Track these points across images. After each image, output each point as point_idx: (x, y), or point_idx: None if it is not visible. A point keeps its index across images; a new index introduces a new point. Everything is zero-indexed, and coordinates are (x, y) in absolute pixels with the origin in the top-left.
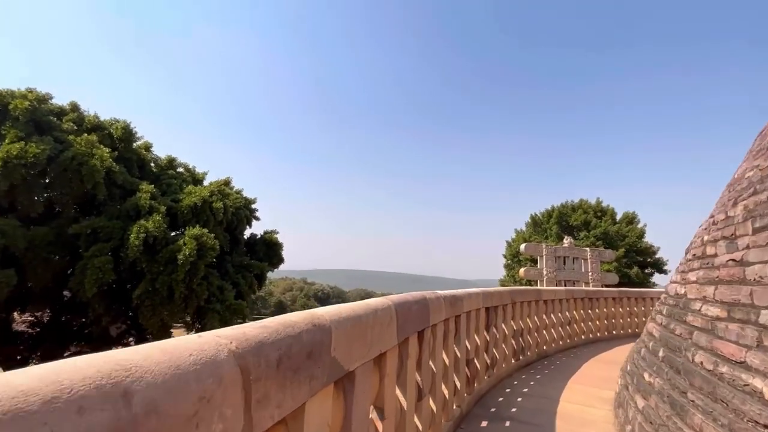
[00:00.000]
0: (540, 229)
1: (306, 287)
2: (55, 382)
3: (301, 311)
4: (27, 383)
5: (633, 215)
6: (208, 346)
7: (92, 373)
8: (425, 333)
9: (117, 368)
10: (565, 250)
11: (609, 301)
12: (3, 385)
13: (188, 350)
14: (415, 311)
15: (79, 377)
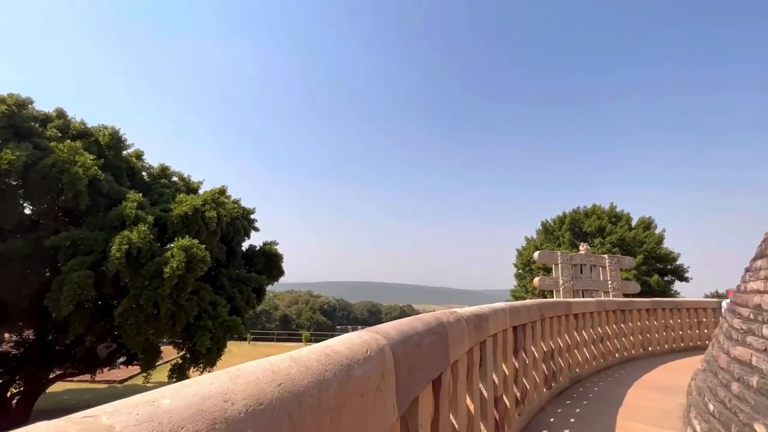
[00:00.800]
0: (552, 236)
1: (312, 300)
2: None
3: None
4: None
5: (649, 220)
6: (371, 339)
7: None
8: (443, 378)
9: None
10: (582, 258)
11: (642, 313)
12: None
13: (363, 344)
14: (428, 348)
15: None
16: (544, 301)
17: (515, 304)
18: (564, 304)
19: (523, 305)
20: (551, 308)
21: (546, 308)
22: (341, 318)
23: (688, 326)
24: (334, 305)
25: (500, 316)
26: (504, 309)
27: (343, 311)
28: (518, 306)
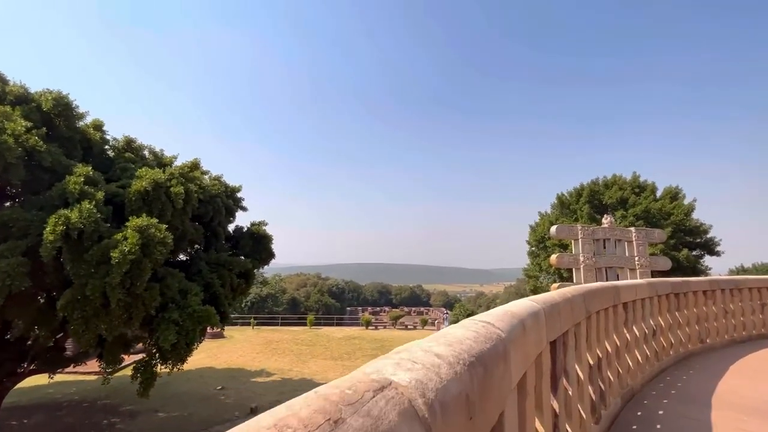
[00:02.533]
0: (568, 210)
1: (320, 283)
2: None
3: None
4: None
5: (677, 190)
6: (528, 303)
7: None
8: None
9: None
10: (605, 232)
11: (699, 297)
12: None
13: (529, 306)
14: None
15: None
16: (589, 287)
17: (547, 300)
18: (611, 290)
19: (563, 299)
20: (598, 298)
21: (592, 299)
22: (351, 300)
23: (751, 310)
24: (343, 287)
25: (530, 330)
26: (535, 314)
27: (352, 293)
28: (555, 302)
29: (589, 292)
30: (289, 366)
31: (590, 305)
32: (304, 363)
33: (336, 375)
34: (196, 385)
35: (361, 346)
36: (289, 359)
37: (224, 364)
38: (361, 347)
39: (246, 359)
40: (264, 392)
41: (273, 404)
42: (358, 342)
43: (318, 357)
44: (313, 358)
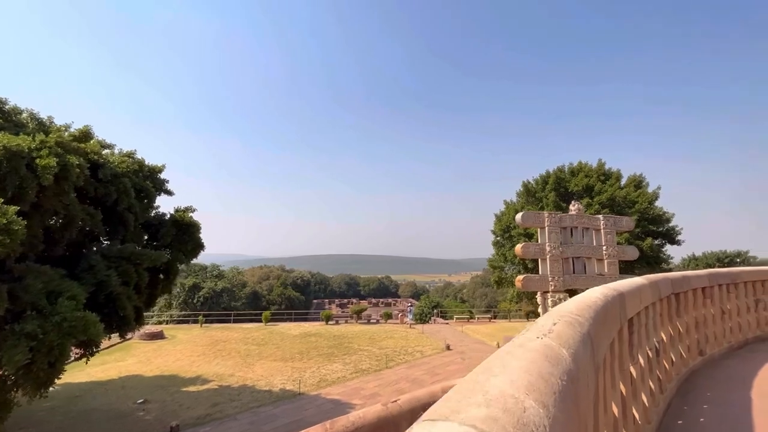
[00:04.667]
0: (534, 198)
1: (284, 275)
2: None
3: None
4: None
5: (640, 178)
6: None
7: None
8: None
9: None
10: (573, 219)
11: (697, 296)
12: None
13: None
14: None
15: None
16: (590, 311)
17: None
18: (616, 302)
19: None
20: (603, 326)
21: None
22: (318, 292)
23: (746, 308)
24: (308, 279)
25: None
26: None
27: (319, 285)
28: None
29: (596, 320)
30: (231, 370)
31: (594, 351)
32: (249, 366)
33: (283, 379)
34: (113, 399)
35: (318, 344)
36: (234, 362)
37: (156, 371)
38: (317, 345)
39: (183, 364)
40: (194, 405)
41: (200, 420)
42: (315, 340)
43: (267, 358)
44: (261, 360)
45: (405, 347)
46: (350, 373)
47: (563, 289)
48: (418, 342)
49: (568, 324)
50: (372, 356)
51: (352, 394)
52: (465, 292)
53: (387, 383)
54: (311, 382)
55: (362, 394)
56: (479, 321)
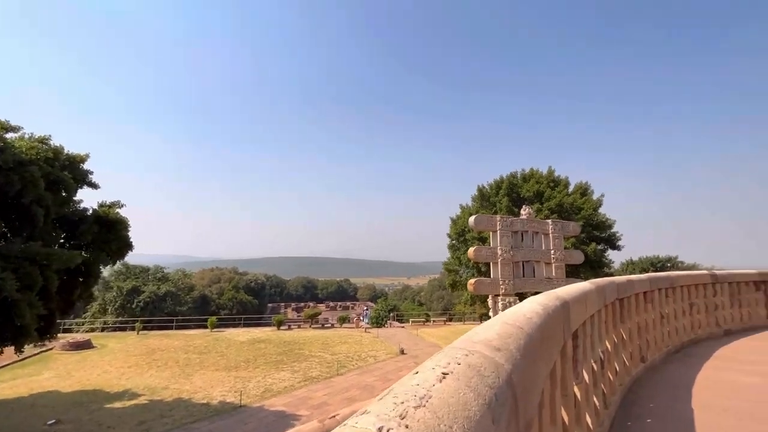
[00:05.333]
0: (488, 203)
1: (236, 278)
2: None
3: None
4: None
5: (586, 185)
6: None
7: None
8: None
9: None
10: (524, 223)
11: (640, 301)
12: None
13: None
14: None
15: None
16: (526, 328)
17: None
18: (560, 314)
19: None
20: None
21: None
22: (273, 295)
23: (682, 312)
24: (263, 282)
25: None
26: None
27: (275, 288)
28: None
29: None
30: (165, 382)
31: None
32: (187, 377)
33: (224, 390)
34: (18, 420)
35: (266, 351)
36: (170, 373)
37: (76, 386)
38: (265, 353)
39: (110, 376)
40: (116, 424)
41: None
42: (264, 346)
43: (209, 368)
44: (201, 370)
45: (359, 352)
46: (298, 382)
47: (513, 292)
48: (373, 346)
49: (470, 371)
50: (323, 362)
51: (298, 404)
52: (423, 294)
53: (337, 391)
54: (255, 392)
55: (309, 404)
56: (434, 324)
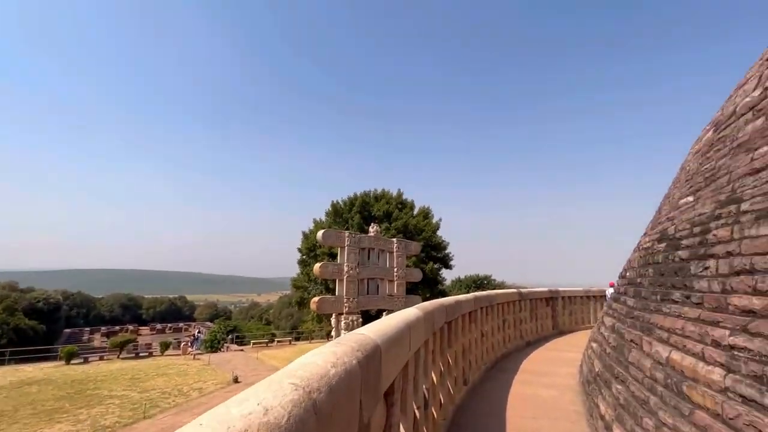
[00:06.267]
0: (341, 219)
1: (14, 296)
2: None
3: None
4: None
5: (428, 209)
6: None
7: None
8: None
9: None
10: (371, 241)
11: (465, 321)
12: None
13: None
14: None
15: None
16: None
17: None
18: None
19: None
20: None
21: None
22: (75, 318)
23: (497, 328)
24: (57, 302)
25: None
26: None
27: (78, 309)
28: None
29: None
30: None
31: None
32: None
33: None
34: None
35: (40, 397)
36: None
37: None
38: (37, 399)
39: None
40: None
41: None
42: (37, 390)
43: None
44: None
45: (180, 385)
46: None
47: (357, 310)
48: (200, 377)
49: None
50: (127, 404)
51: None
52: (271, 312)
53: None
54: None
55: None
56: (279, 345)
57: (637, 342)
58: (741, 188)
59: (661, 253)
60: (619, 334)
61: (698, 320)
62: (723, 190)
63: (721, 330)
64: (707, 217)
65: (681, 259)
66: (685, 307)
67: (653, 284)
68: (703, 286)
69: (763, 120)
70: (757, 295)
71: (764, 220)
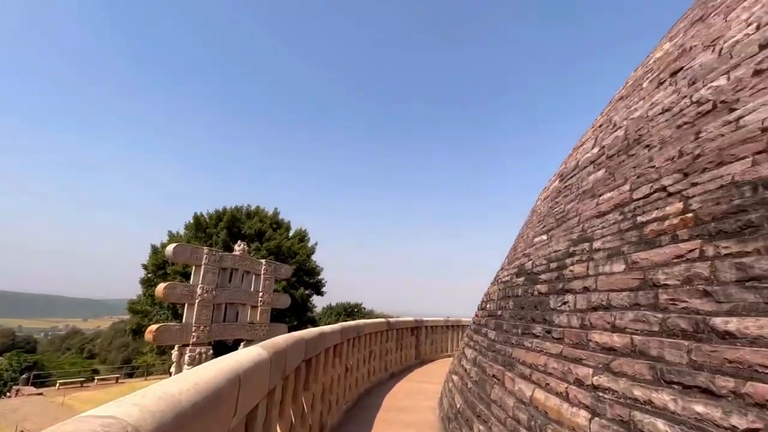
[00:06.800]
0: (204, 234)
1: None
2: None
3: None
4: None
5: (304, 232)
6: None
7: None
8: None
9: None
10: (236, 260)
11: (329, 356)
12: None
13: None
14: None
15: None
16: None
17: None
18: None
19: None
20: None
21: None
22: None
23: (363, 361)
24: None
25: None
26: None
27: None
28: None
29: None
30: None
31: None
32: None
33: None
34: None
35: None
36: None
37: None
38: None
39: None
40: None
41: None
42: None
43: None
44: None
45: None
46: None
47: (208, 340)
48: None
49: None
50: None
51: None
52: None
53: None
54: None
55: None
56: (101, 384)
57: (500, 378)
58: (591, 228)
59: (521, 286)
60: (481, 368)
61: (560, 357)
62: (574, 230)
63: (584, 368)
64: (562, 254)
65: (540, 293)
66: (546, 342)
67: (514, 317)
68: (563, 320)
69: (603, 171)
70: (617, 332)
71: (617, 257)
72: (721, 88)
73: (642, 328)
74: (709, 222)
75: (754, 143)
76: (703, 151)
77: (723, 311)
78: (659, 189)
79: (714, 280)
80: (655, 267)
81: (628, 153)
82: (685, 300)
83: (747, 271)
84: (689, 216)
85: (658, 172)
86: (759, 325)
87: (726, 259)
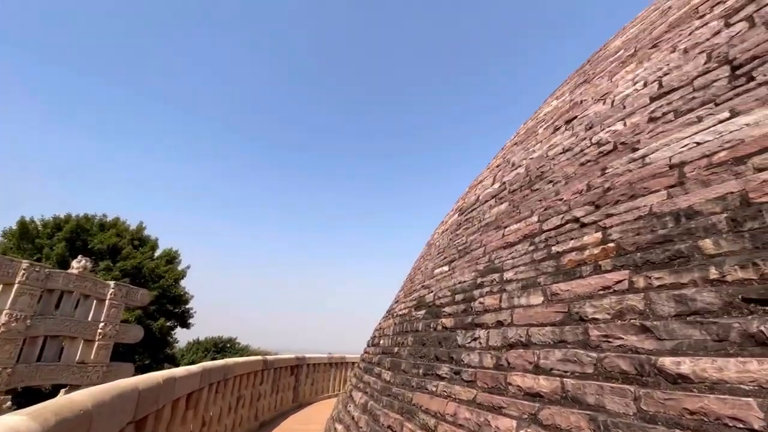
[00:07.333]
0: (32, 245)
1: None
2: None
3: None
4: None
5: (176, 254)
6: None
7: None
8: None
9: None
10: (70, 280)
11: (179, 409)
12: None
13: None
14: None
15: None
16: None
17: None
18: None
19: None
20: None
21: None
22: None
23: (228, 409)
24: None
25: None
26: None
27: None
28: None
29: None
30: None
31: None
32: None
33: None
34: None
35: None
36: None
37: None
38: None
39: None
40: None
41: None
42: None
43: None
44: None
45: None
46: None
47: (9, 387)
48: None
49: None
50: None
51: None
52: None
53: None
54: None
55: None
56: None
57: (397, 429)
58: (498, 258)
59: (422, 320)
60: (373, 416)
61: (474, 404)
62: (480, 261)
63: (506, 419)
64: (469, 285)
65: (445, 328)
66: (455, 385)
67: (414, 355)
68: (474, 359)
69: (507, 204)
70: (542, 374)
71: (534, 288)
72: (619, 131)
73: (573, 370)
74: (634, 252)
75: (665, 178)
76: (613, 184)
77: (666, 350)
78: (571, 220)
79: (650, 314)
80: (580, 299)
81: (532, 188)
82: (620, 336)
83: (688, 305)
84: (611, 246)
85: (567, 204)
86: (717, 367)
87: (662, 291)
